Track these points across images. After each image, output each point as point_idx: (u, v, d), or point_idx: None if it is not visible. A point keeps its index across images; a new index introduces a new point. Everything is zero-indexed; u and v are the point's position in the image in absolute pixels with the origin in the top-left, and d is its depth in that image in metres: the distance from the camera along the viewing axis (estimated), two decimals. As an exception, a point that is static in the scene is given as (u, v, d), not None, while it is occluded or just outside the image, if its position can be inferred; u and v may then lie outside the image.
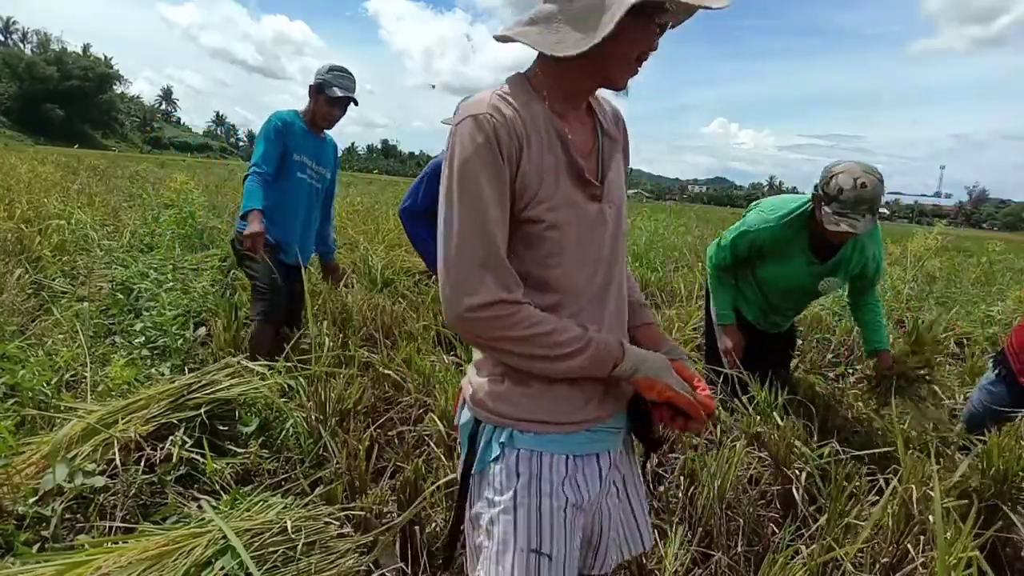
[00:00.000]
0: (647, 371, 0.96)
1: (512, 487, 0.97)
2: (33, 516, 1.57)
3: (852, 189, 1.95)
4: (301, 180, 2.85)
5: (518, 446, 0.99)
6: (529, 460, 0.98)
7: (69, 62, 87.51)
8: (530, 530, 0.95)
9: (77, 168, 14.77)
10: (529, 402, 0.99)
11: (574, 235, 0.97)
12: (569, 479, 0.99)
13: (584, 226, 0.98)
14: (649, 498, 1.94)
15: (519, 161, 0.93)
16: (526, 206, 0.94)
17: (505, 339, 0.92)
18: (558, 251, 0.96)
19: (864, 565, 1.71)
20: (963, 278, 7.16)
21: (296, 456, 1.99)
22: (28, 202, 6.36)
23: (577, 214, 0.97)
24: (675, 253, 7.68)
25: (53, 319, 2.95)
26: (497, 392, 1.00)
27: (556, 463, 0.99)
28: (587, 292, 1.00)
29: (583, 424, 1.01)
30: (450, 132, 0.94)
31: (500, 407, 1.00)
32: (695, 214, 19.65)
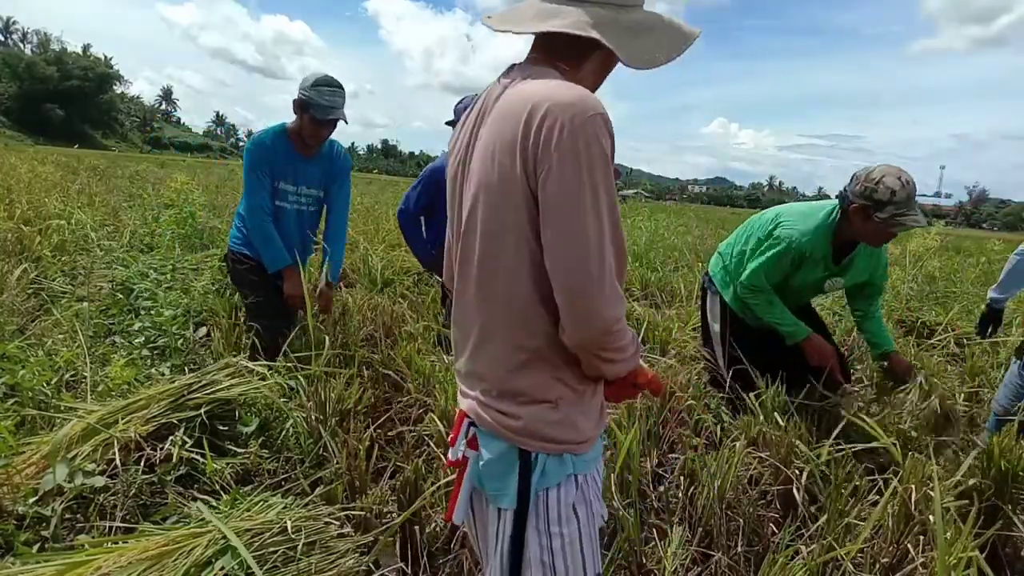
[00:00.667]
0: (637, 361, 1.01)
1: (574, 519, 0.97)
2: (33, 516, 1.57)
3: (903, 188, 2.03)
4: (281, 209, 2.63)
5: (575, 472, 0.97)
6: (584, 487, 1.00)
7: (69, 62, 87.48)
8: (593, 556, 0.99)
9: (77, 168, 14.77)
10: (585, 421, 0.98)
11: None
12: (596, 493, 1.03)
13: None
14: (648, 498, 1.95)
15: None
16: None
17: (617, 349, 0.91)
18: None
19: (864, 565, 1.71)
20: (963, 278, 7.15)
21: (296, 456, 1.99)
22: (28, 202, 6.36)
23: None
24: (675, 253, 7.68)
25: (53, 319, 2.95)
26: (555, 420, 0.95)
27: (592, 481, 1.02)
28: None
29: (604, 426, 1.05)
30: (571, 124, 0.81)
31: (562, 434, 0.95)
32: (695, 214, 19.64)
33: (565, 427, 0.95)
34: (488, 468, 0.98)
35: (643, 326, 3.63)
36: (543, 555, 0.95)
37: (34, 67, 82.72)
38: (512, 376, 0.95)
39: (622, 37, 0.90)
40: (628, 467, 1.87)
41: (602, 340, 0.88)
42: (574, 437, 0.96)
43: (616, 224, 0.86)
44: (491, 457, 0.97)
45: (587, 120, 0.82)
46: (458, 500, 1.02)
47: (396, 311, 3.46)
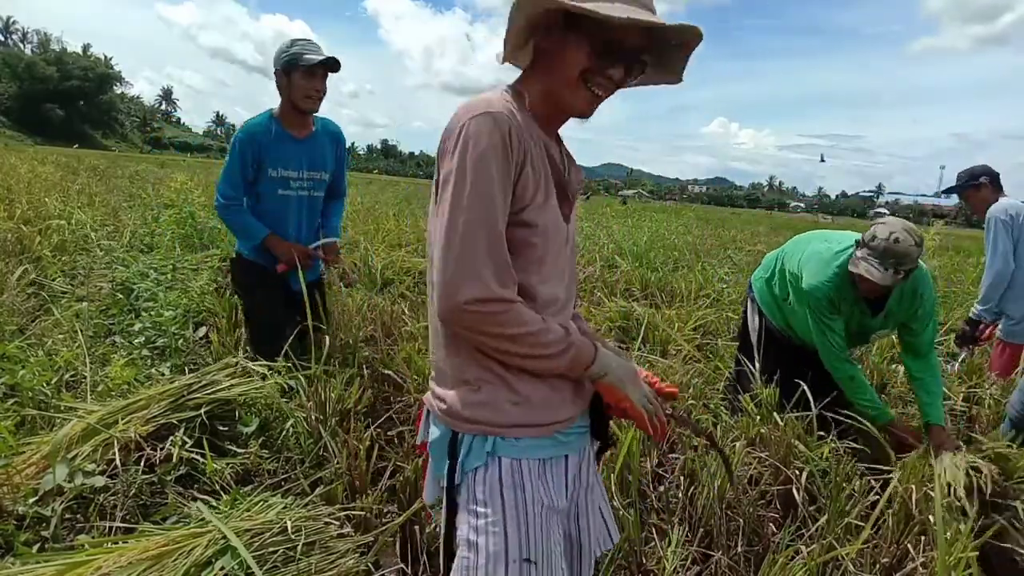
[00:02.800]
0: (613, 377, 1.00)
1: (499, 500, 0.98)
2: (33, 516, 1.57)
3: (885, 239, 1.99)
4: (286, 197, 2.48)
5: (500, 455, 0.99)
6: (511, 470, 0.99)
7: (69, 62, 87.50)
8: (520, 541, 0.97)
9: (77, 168, 14.77)
10: (511, 407, 1.00)
11: (552, 247, 1.02)
12: (543, 483, 1.02)
13: (558, 241, 1.03)
14: (648, 498, 1.95)
15: (522, 166, 0.95)
16: (522, 209, 0.96)
17: (497, 336, 0.93)
18: (538, 259, 1.00)
19: (864, 565, 1.71)
20: (963, 278, 7.16)
21: (296, 456, 1.99)
22: (28, 202, 6.36)
23: (555, 228, 1.02)
24: (675, 253, 7.69)
25: (53, 319, 2.95)
26: (475, 401, 1.00)
27: (534, 468, 1.01)
28: (555, 304, 1.05)
29: (559, 425, 1.03)
30: (458, 126, 0.93)
31: (480, 414, 0.99)
32: (695, 214, 19.64)
33: (486, 409, 0.99)
34: (433, 450, 1.06)
35: (643, 326, 3.63)
36: (469, 534, 0.98)
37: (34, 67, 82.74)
38: (439, 359, 1.04)
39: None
40: (628, 467, 1.87)
41: (463, 318, 0.92)
42: (496, 419, 0.99)
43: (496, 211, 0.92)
44: (434, 439, 1.05)
45: (474, 119, 0.92)
46: (426, 482, 1.15)
47: (396, 311, 3.46)
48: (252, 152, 2.39)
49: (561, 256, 1.05)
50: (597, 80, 0.95)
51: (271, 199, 2.46)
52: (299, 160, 2.47)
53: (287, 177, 2.46)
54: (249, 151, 2.39)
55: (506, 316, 0.92)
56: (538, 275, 1.01)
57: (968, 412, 2.66)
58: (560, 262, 1.05)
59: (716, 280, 5.44)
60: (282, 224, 2.50)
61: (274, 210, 2.48)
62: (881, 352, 3.47)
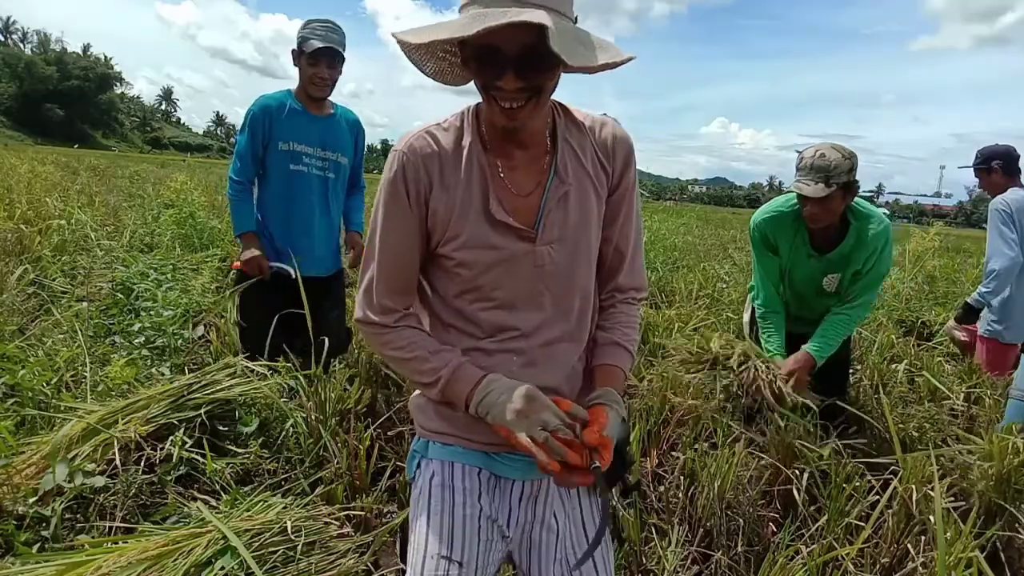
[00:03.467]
0: (494, 418, 0.92)
1: (427, 494, 1.02)
2: (33, 516, 1.57)
3: (811, 157, 2.09)
4: (298, 173, 2.38)
5: (432, 456, 1.05)
6: (442, 470, 1.03)
7: (69, 62, 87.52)
8: (441, 537, 0.97)
9: (77, 168, 14.78)
10: (441, 419, 1.05)
11: (493, 275, 0.98)
12: (484, 492, 1.02)
13: (506, 267, 0.97)
14: (648, 498, 1.95)
15: (428, 199, 0.96)
16: (438, 243, 0.98)
17: (383, 355, 1.03)
18: (473, 287, 0.99)
19: (864, 565, 1.71)
20: (963, 278, 7.16)
21: (296, 456, 1.99)
22: (28, 202, 6.36)
23: (495, 254, 0.97)
24: (675, 253, 7.69)
25: (53, 319, 2.95)
26: (419, 405, 1.09)
27: (469, 473, 1.03)
28: (511, 331, 1.01)
29: (491, 447, 1.02)
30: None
31: (420, 419, 1.08)
32: (695, 214, 19.65)
33: (421, 413, 1.08)
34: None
35: (643, 326, 3.62)
36: (411, 524, 1.03)
37: (34, 67, 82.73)
38: None
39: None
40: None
41: (362, 331, 1.04)
42: (428, 425, 1.07)
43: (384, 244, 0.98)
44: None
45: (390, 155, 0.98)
46: None
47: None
48: (263, 125, 2.35)
49: (523, 282, 0.99)
50: (492, 93, 0.88)
51: (280, 175, 2.38)
52: (313, 136, 2.40)
53: (299, 152, 2.37)
54: (260, 125, 2.35)
55: (381, 339, 1.01)
56: (478, 302, 1.00)
57: (968, 412, 2.66)
58: (516, 289, 0.99)
59: (716, 280, 5.44)
60: (296, 204, 2.40)
61: (284, 187, 2.39)
62: (881, 352, 3.47)
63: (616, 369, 1.04)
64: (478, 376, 0.96)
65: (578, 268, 1.02)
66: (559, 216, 0.99)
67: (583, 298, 1.05)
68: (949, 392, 2.74)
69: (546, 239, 0.98)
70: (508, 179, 0.99)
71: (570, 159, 1.01)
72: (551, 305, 1.01)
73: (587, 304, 1.07)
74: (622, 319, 1.09)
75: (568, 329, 1.04)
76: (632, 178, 1.07)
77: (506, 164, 0.99)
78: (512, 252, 0.97)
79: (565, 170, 1.00)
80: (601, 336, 1.08)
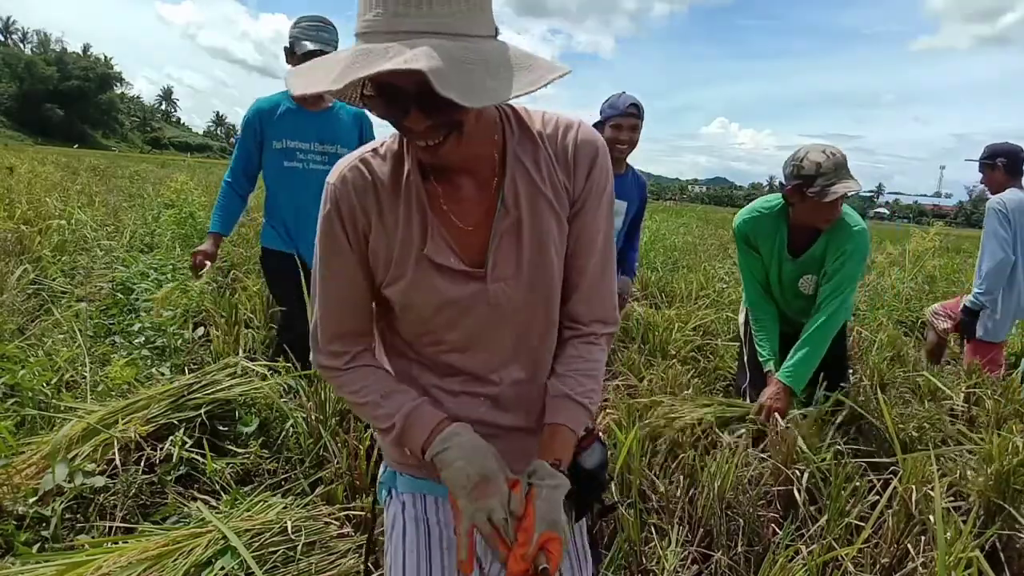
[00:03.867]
0: (447, 480, 0.80)
1: (400, 528, 0.96)
2: (33, 516, 1.57)
3: (828, 159, 2.07)
4: (292, 170, 2.41)
5: (401, 489, 1.00)
6: (412, 503, 0.98)
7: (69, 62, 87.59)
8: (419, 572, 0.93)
9: (77, 168, 14.77)
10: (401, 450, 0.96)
11: (444, 318, 0.88)
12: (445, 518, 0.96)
13: (458, 309, 0.87)
14: (648, 499, 1.95)
15: (368, 236, 0.86)
16: (381, 284, 0.89)
17: (353, 404, 0.93)
18: (425, 332, 0.91)
19: (864, 565, 1.71)
20: (963, 278, 7.16)
21: (296, 456, 1.99)
22: (28, 202, 6.36)
23: (442, 297, 0.86)
24: (675, 253, 7.69)
25: (53, 319, 2.95)
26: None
27: (443, 505, 0.97)
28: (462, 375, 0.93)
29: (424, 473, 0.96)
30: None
31: (385, 448, 1.02)
32: (695, 214, 19.65)
33: (384, 443, 1.01)
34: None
35: (643, 326, 3.63)
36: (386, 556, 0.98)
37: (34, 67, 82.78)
38: None
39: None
40: (628, 467, 1.87)
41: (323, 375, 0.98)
42: (392, 455, 1.01)
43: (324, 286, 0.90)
44: None
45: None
46: None
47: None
48: (256, 128, 2.40)
49: (478, 323, 0.88)
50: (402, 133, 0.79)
51: (275, 173, 2.44)
52: (310, 131, 2.41)
53: (294, 148, 2.40)
54: (253, 128, 2.40)
55: (336, 381, 0.93)
56: (433, 345, 0.92)
57: (968, 412, 2.66)
58: (477, 329, 0.89)
59: (716, 280, 5.44)
60: (296, 198, 2.42)
61: (281, 184, 2.44)
62: (881, 352, 3.47)
63: (564, 430, 0.89)
64: (435, 422, 0.85)
65: (538, 304, 0.91)
66: (510, 249, 0.87)
67: (550, 335, 0.95)
68: (949, 392, 2.74)
69: (498, 276, 0.86)
70: (452, 211, 0.86)
71: (522, 182, 0.86)
72: (513, 345, 0.92)
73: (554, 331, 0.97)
74: (580, 366, 0.93)
75: (535, 368, 0.95)
76: (599, 186, 0.91)
77: (450, 194, 0.86)
78: (461, 293, 0.86)
79: (515, 197, 0.86)
80: (552, 385, 0.92)
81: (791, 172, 2.14)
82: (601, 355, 0.96)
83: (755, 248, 2.39)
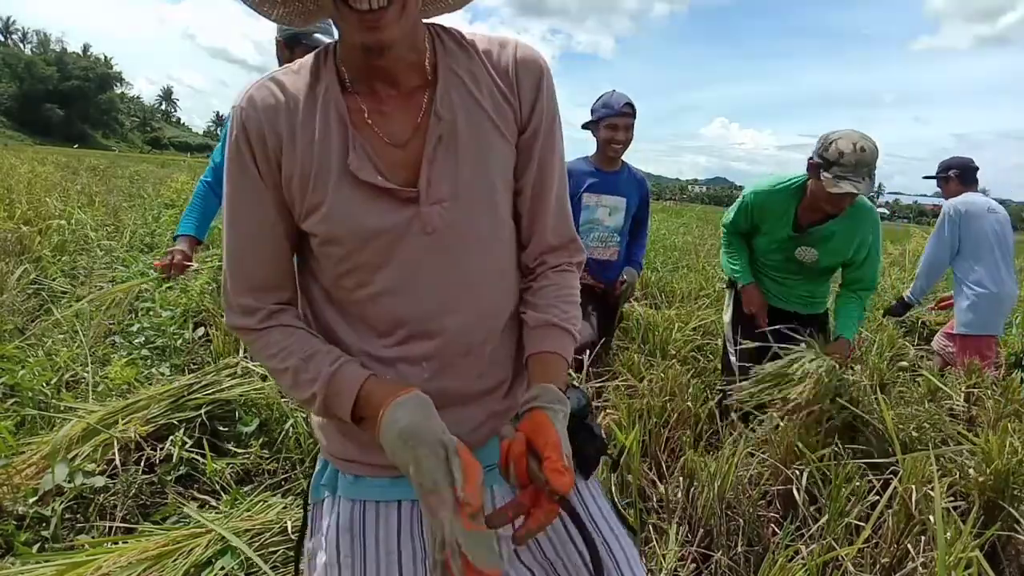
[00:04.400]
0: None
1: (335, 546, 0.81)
2: (33, 516, 1.57)
3: (852, 153, 2.02)
4: None
5: (341, 493, 0.84)
6: (350, 514, 0.81)
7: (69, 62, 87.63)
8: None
9: (77, 168, 14.78)
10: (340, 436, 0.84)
11: (371, 251, 0.75)
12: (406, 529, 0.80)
13: (387, 239, 0.75)
14: (648, 499, 1.95)
15: (280, 162, 0.75)
16: (299, 217, 0.77)
17: (268, 369, 0.80)
18: (350, 270, 0.77)
19: (864, 565, 1.71)
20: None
21: (296, 456, 1.99)
22: (28, 202, 6.36)
23: (369, 225, 0.74)
24: (675, 253, 7.69)
25: (53, 319, 2.95)
26: (317, 420, 0.87)
27: (385, 515, 0.80)
28: (401, 328, 0.78)
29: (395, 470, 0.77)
30: None
31: (319, 435, 0.88)
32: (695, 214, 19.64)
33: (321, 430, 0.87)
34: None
35: (642, 326, 3.63)
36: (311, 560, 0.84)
37: (34, 67, 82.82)
38: None
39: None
40: (628, 467, 1.87)
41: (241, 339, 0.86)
42: (330, 448, 0.86)
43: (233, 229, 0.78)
44: None
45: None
46: None
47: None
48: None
49: (412, 256, 0.76)
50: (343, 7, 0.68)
51: None
52: None
53: None
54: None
55: (255, 345, 0.79)
56: (360, 288, 0.78)
57: (968, 412, 2.66)
58: (413, 264, 0.76)
59: (716, 280, 5.44)
60: None
61: None
62: (881, 352, 3.47)
63: (555, 357, 0.81)
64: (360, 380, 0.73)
65: (483, 233, 0.79)
66: (446, 166, 0.76)
67: (499, 270, 0.83)
68: (949, 392, 2.73)
69: (434, 197, 0.75)
70: (377, 124, 0.76)
71: (457, 93, 0.78)
72: (456, 286, 0.78)
73: (506, 277, 0.85)
74: (559, 292, 0.86)
75: (486, 318, 0.82)
76: (548, 110, 0.82)
77: (374, 107, 0.76)
78: (392, 220, 0.75)
79: (448, 106, 0.77)
80: (532, 316, 0.84)
81: (818, 148, 2.15)
82: (576, 282, 0.90)
83: (756, 223, 2.40)
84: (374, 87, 0.76)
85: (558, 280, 0.87)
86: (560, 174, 0.86)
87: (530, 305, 0.86)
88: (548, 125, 0.83)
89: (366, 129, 0.76)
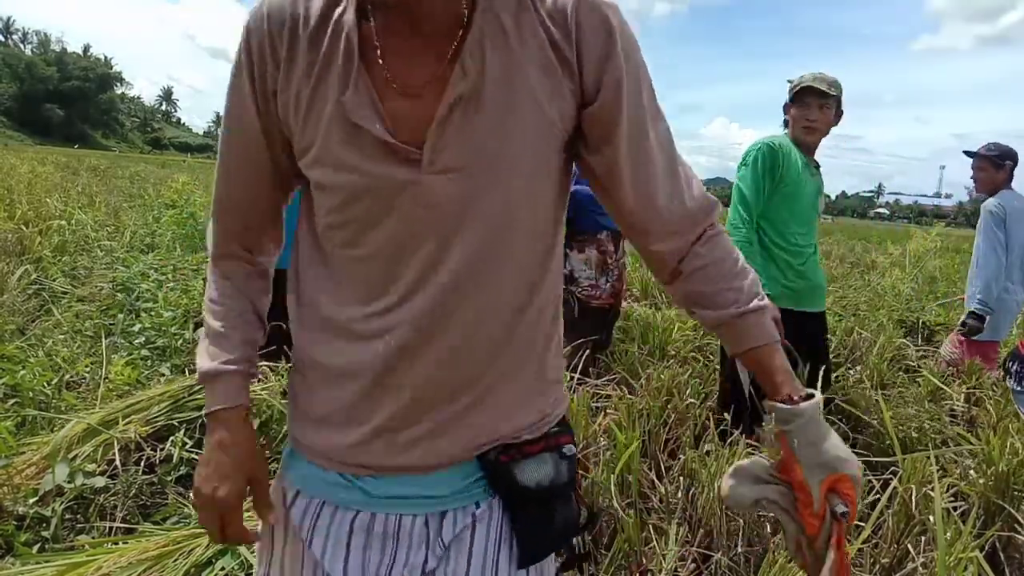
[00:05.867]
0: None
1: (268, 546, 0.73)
2: (33, 516, 1.57)
3: (812, 74, 2.32)
4: None
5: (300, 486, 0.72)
6: (304, 512, 0.70)
7: (69, 62, 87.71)
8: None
9: (77, 169, 14.79)
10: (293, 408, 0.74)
11: (362, 208, 0.63)
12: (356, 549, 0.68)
13: (379, 200, 0.62)
14: (648, 499, 1.95)
15: (276, 83, 0.64)
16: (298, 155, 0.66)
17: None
18: (340, 224, 0.65)
19: (864, 565, 1.71)
20: (963, 278, 7.16)
21: (296, 456, 1.99)
22: (28, 203, 6.36)
23: (358, 179, 0.62)
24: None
25: (53, 320, 2.96)
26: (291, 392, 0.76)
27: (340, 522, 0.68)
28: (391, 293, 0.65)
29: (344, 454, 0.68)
30: None
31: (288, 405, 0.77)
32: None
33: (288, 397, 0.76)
34: None
35: (642, 326, 3.63)
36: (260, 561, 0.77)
37: (34, 67, 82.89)
38: None
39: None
40: (628, 467, 1.87)
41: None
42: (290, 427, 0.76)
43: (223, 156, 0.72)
44: None
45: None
46: None
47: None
48: None
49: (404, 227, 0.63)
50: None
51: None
52: None
53: None
54: None
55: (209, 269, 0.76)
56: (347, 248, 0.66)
57: (968, 412, 2.66)
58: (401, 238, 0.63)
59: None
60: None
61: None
62: (881, 353, 3.47)
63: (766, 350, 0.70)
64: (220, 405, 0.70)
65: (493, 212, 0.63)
66: (462, 130, 0.61)
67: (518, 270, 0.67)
68: (949, 392, 2.74)
69: (440, 165, 0.61)
70: (389, 66, 0.62)
71: (492, 42, 0.61)
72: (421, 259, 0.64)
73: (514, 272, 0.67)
74: (719, 270, 0.71)
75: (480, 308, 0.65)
76: (629, 69, 0.64)
77: (390, 46, 0.62)
78: (386, 178, 0.61)
79: (479, 57, 0.61)
80: (708, 316, 0.72)
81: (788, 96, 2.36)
82: (728, 241, 0.74)
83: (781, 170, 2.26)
84: (396, 26, 0.62)
85: (706, 256, 0.72)
86: (661, 143, 0.69)
87: (696, 303, 0.73)
88: (632, 86, 0.65)
89: (375, 68, 0.62)
